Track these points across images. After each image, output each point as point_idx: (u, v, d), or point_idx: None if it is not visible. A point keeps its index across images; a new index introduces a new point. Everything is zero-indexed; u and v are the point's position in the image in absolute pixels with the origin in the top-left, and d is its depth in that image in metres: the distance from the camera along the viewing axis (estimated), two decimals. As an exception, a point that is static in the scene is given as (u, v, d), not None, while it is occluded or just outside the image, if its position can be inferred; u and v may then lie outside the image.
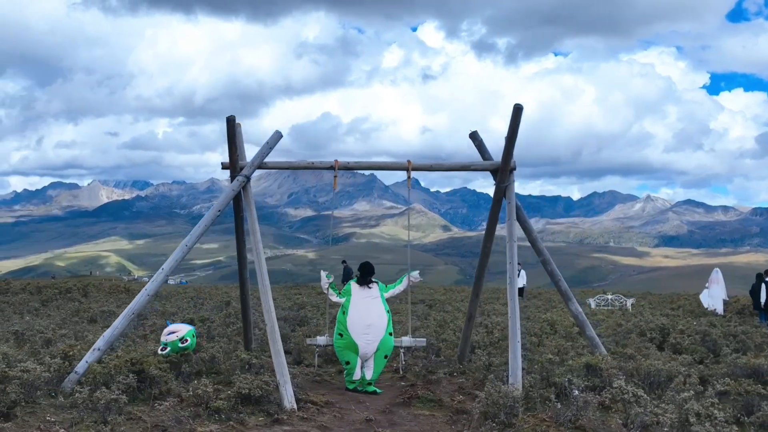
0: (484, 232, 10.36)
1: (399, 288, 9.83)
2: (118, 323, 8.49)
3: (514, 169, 9.83)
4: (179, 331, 9.19)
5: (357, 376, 9.27)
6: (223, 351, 9.65)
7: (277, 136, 9.42)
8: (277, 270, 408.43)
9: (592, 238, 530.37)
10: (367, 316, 9.30)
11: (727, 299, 20.48)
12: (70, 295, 21.03)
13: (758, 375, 9.04)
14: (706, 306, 19.63)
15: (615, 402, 7.46)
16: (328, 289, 9.81)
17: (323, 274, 9.95)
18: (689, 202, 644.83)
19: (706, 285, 19.99)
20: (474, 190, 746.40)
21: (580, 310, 10.01)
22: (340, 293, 9.73)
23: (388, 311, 9.51)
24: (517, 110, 8.88)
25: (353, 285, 9.67)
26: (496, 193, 9.93)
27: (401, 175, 13.26)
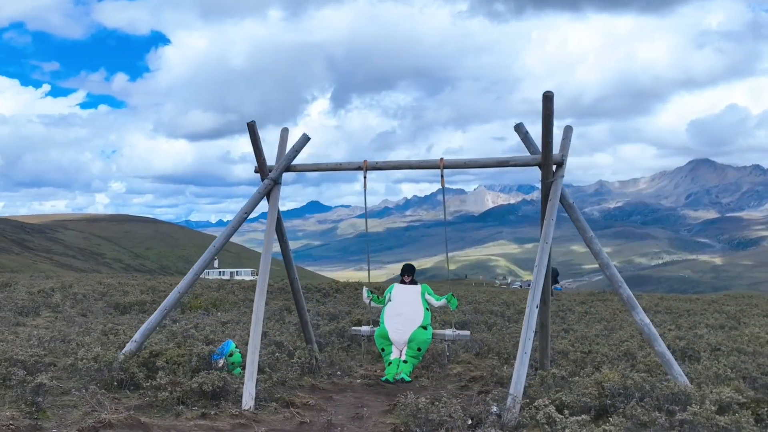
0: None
1: (436, 302, 10.49)
2: (153, 318, 9.82)
3: (561, 163, 9.24)
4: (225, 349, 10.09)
5: (394, 356, 10.05)
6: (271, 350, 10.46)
7: (305, 139, 10.04)
8: (672, 276, 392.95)
9: None
10: (399, 307, 10.30)
11: None
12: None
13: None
14: None
15: (533, 421, 6.82)
16: (369, 302, 10.88)
17: (365, 290, 10.92)
18: None
19: None
20: None
21: (647, 321, 8.98)
22: (380, 298, 10.85)
23: (426, 309, 10.30)
24: (546, 98, 8.40)
25: (396, 284, 10.81)
26: (542, 190, 9.42)
27: None
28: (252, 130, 9.66)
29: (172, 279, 33.25)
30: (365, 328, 10.96)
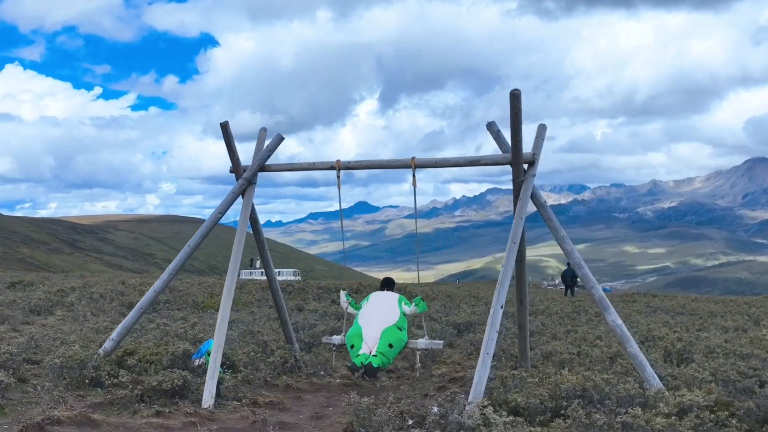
0: None
1: (408, 309, 10.55)
2: (130, 316, 9.97)
3: (533, 162, 9.14)
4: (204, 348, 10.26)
5: (363, 351, 9.99)
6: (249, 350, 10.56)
7: (278, 138, 10.10)
8: (729, 278, 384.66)
9: None
10: (376, 307, 10.43)
11: None
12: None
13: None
14: None
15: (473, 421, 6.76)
16: (347, 306, 10.98)
17: (342, 293, 11.14)
18: None
19: None
20: None
21: (619, 322, 8.86)
22: (357, 304, 11.00)
23: (403, 313, 10.36)
24: (514, 97, 8.34)
25: (374, 292, 11.00)
26: (514, 189, 9.33)
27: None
28: (225, 130, 9.75)
29: (198, 278, 33.67)
30: (336, 338, 10.98)
